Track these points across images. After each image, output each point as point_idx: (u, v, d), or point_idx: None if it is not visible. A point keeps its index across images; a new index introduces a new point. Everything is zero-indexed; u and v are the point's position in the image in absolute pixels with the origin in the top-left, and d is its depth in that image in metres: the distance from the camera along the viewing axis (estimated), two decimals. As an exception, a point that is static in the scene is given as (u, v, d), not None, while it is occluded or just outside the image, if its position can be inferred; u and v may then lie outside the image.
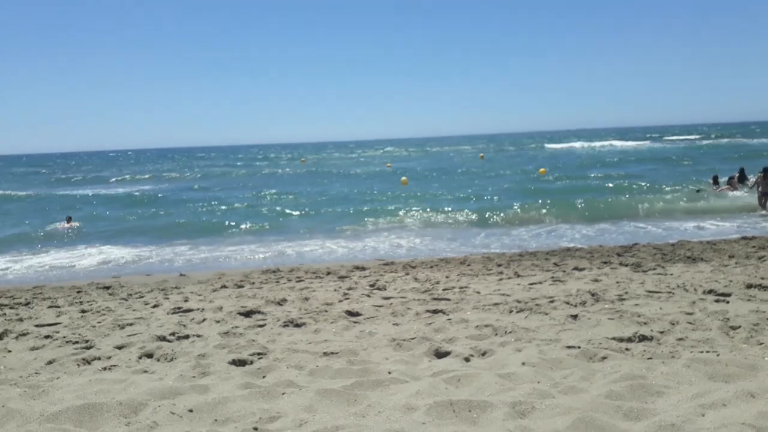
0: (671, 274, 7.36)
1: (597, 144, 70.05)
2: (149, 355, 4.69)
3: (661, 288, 6.42)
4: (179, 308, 6.50)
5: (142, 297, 7.51)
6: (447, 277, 8.00)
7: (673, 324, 4.83)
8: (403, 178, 30.81)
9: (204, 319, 5.87)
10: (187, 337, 5.22)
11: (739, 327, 4.60)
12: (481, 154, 55.58)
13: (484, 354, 4.37)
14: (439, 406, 3.27)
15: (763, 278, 6.58)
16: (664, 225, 13.97)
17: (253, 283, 8.29)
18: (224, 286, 8.02)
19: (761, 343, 4.18)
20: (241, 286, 7.99)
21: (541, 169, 31.43)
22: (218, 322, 5.77)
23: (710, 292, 6.05)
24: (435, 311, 5.80)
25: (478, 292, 6.71)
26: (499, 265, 8.94)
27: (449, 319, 5.42)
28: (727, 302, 5.57)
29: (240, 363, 4.41)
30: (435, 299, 6.41)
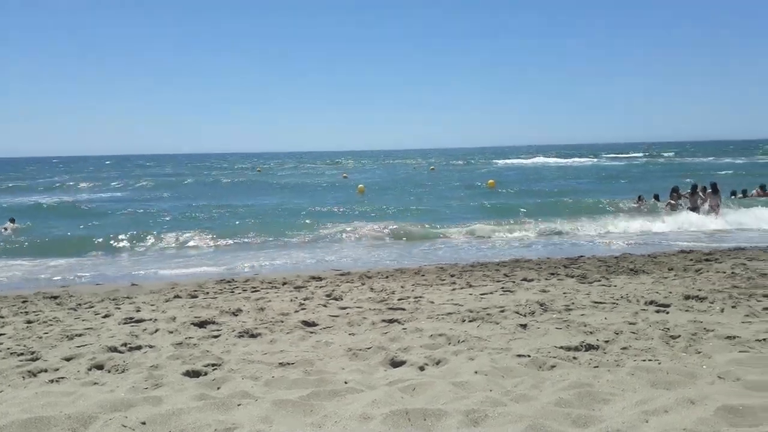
0: (615, 286, 7.66)
1: (551, 160, 71.94)
2: (99, 367, 4.58)
3: (606, 299, 6.69)
4: (131, 318, 6.36)
5: (92, 307, 7.30)
6: (402, 287, 8.09)
7: (617, 333, 5.05)
8: (360, 185, 31.04)
9: (157, 330, 5.77)
10: (139, 347, 5.13)
11: (679, 336, 4.85)
12: (432, 167, 56.62)
13: (438, 363, 4.46)
14: (395, 415, 3.33)
15: (700, 290, 6.94)
16: (600, 238, 14.57)
17: (207, 293, 8.18)
18: (177, 296, 7.88)
19: (699, 352, 4.42)
20: (194, 296, 7.88)
21: (490, 181, 32.23)
22: (171, 332, 5.68)
23: (651, 303, 6.34)
24: (390, 321, 5.88)
25: (432, 302, 6.83)
26: (452, 276, 9.11)
27: (404, 329, 5.50)
28: (667, 313, 5.85)
29: (194, 374, 4.37)
30: (390, 309, 6.49)
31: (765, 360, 4.12)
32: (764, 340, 4.66)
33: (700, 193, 17.44)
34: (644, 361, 4.24)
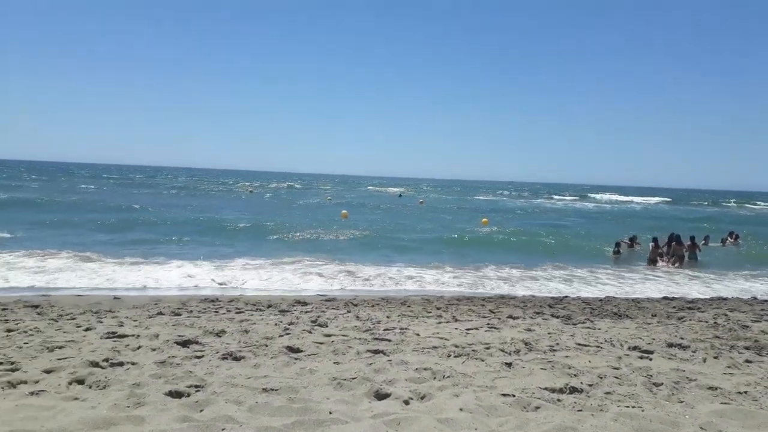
0: (599, 329, 7.72)
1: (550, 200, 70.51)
2: (80, 381, 4.53)
3: (590, 341, 6.73)
4: (113, 333, 6.29)
5: (74, 319, 7.21)
6: (388, 317, 8.08)
7: (601, 377, 5.09)
8: (344, 211, 31.10)
9: (139, 347, 5.71)
10: (121, 364, 5.07)
11: (662, 384, 4.90)
12: (421, 200, 55.25)
13: (423, 398, 4.46)
14: (380, 449, 3.32)
15: (682, 338, 7.01)
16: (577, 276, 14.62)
17: (191, 311, 8.11)
18: (161, 313, 7.80)
19: (682, 401, 4.47)
20: (178, 314, 7.80)
21: (484, 219, 32.09)
22: (154, 350, 5.62)
23: (635, 348, 6.40)
24: (376, 351, 5.87)
25: (418, 335, 6.83)
26: (438, 308, 9.12)
27: (390, 360, 5.49)
28: (650, 359, 5.90)
29: (176, 395, 4.33)
30: (376, 339, 6.48)
31: (746, 413, 4.17)
32: (746, 392, 4.72)
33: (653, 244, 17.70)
34: (628, 407, 4.27)
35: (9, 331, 6.33)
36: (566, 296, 11.51)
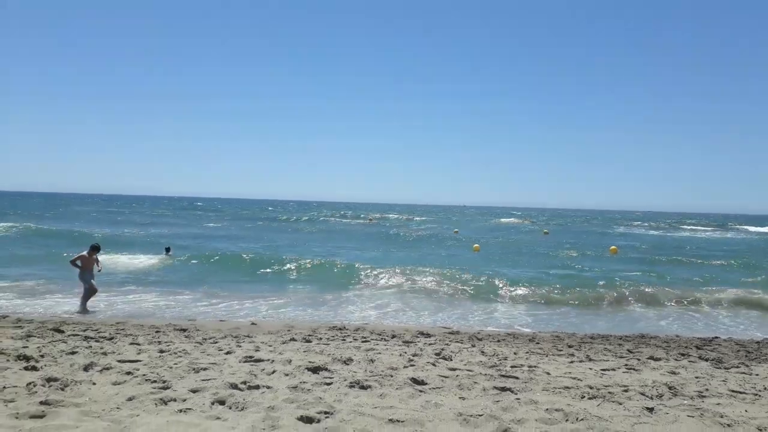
0: (757, 375, 6.91)
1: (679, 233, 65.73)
2: (221, 402, 4.84)
3: (746, 389, 6.04)
4: (251, 357, 6.68)
5: (216, 342, 7.77)
6: (515, 353, 7.82)
7: (760, 430, 4.54)
8: (476, 245, 30.83)
9: (274, 371, 6.01)
10: (257, 387, 5.35)
11: (838, 443, 4.26)
12: (545, 230, 53.78)
13: (554, 440, 4.23)
14: (509, 491, 3.19)
15: None
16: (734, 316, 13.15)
17: (321, 338, 8.41)
18: (293, 339, 8.18)
19: None
20: (308, 341, 8.13)
21: (612, 248, 30.31)
22: (287, 375, 5.88)
23: (803, 399, 5.64)
24: (503, 389, 5.68)
25: (548, 373, 6.52)
26: (570, 347, 8.67)
27: (518, 399, 5.30)
28: (823, 413, 5.16)
29: (307, 420, 4.48)
30: (503, 376, 6.28)
31: None
32: None
33: None
34: (796, 467, 3.76)
35: (162, 351, 6.95)
36: (716, 337, 10.46)
